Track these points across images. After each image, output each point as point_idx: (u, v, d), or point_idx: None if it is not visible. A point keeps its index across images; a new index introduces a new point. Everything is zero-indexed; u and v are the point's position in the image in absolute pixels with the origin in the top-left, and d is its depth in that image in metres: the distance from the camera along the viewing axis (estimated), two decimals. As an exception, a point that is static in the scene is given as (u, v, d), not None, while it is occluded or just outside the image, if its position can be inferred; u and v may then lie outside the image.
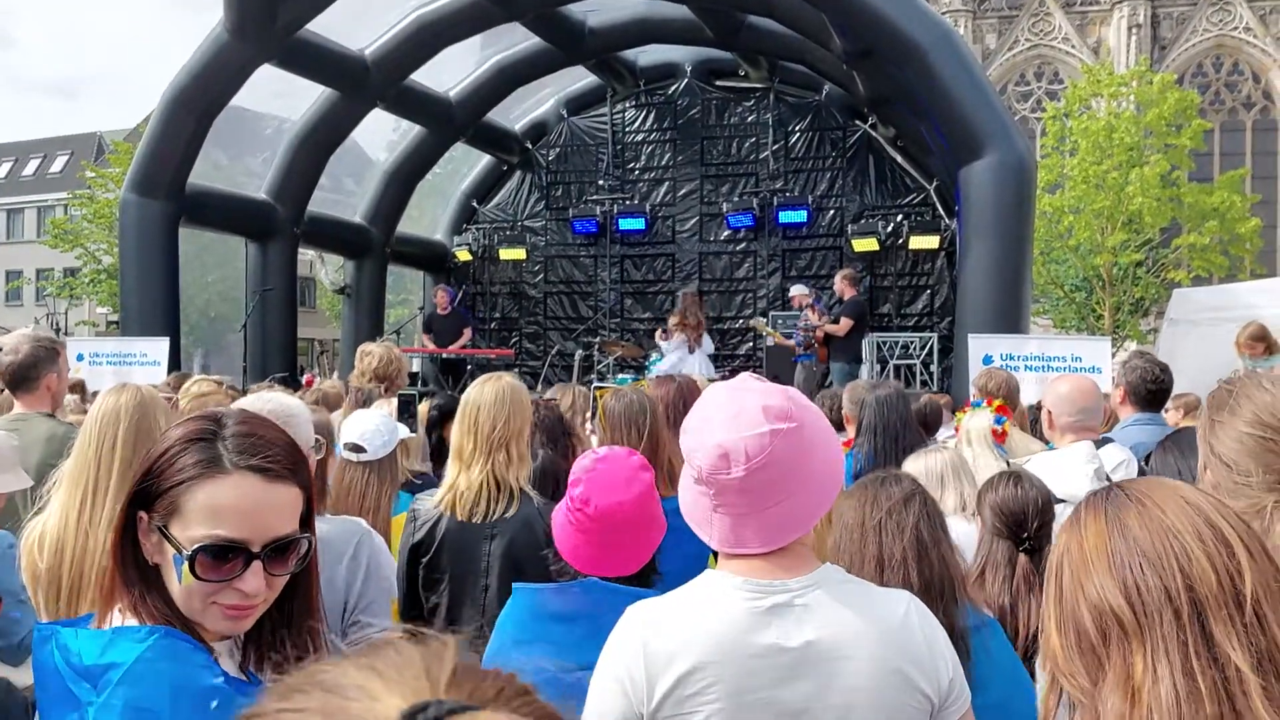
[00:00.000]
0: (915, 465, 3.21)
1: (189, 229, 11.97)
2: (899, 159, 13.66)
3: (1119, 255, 26.48)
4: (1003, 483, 2.50)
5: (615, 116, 15.22)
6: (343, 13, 10.72)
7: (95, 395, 2.63)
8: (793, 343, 11.46)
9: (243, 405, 2.24)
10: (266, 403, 2.35)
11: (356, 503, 3.08)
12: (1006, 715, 1.85)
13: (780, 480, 1.48)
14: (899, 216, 13.60)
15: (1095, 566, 1.14)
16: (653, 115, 15.12)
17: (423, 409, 4.41)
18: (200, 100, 10.99)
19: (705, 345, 11.59)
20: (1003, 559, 2.41)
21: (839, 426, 4.91)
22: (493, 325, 15.87)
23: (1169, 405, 4.76)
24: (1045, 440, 4.24)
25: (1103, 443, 3.68)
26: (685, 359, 11.10)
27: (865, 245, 13.42)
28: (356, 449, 3.13)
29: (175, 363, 10.47)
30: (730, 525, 1.51)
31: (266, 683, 0.59)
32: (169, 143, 11.07)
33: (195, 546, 1.23)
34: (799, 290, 11.71)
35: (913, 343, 11.87)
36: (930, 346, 11.84)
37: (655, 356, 11.76)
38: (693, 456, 1.51)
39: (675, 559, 2.27)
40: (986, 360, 8.11)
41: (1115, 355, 12.40)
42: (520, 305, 15.84)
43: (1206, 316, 9.37)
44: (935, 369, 11.90)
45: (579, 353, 13.21)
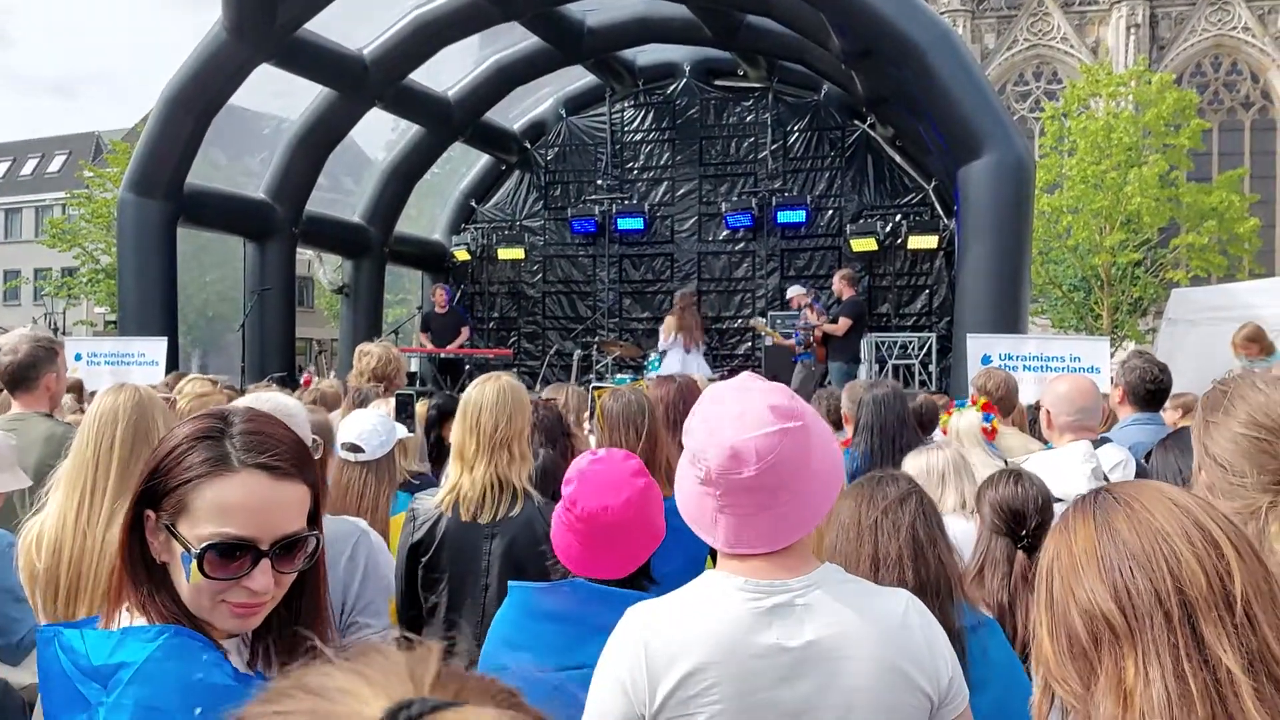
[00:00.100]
0: (916, 463, 3.20)
1: (187, 229, 11.96)
2: (898, 159, 13.65)
3: (1117, 255, 26.49)
4: (1003, 480, 2.51)
5: (614, 116, 15.22)
6: (341, 12, 10.72)
7: (93, 395, 2.62)
8: (792, 342, 11.46)
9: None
10: (264, 403, 2.34)
11: (354, 503, 3.08)
12: (1004, 716, 1.84)
13: (788, 479, 1.48)
14: (897, 216, 13.60)
15: (1085, 571, 1.13)
16: (651, 115, 15.11)
17: (421, 408, 4.40)
18: (198, 100, 10.98)
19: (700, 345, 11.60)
20: (1001, 556, 2.41)
21: (837, 426, 4.92)
22: (491, 325, 15.85)
23: (1167, 405, 4.76)
24: (1044, 440, 4.24)
25: (1101, 442, 3.68)
26: (683, 359, 11.09)
27: (864, 245, 13.42)
28: (354, 449, 3.13)
29: (173, 362, 10.46)
30: (737, 525, 1.50)
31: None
32: (167, 142, 11.07)
33: (203, 545, 1.23)
34: (797, 290, 11.72)
35: (911, 343, 11.86)
36: (929, 346, 11.84)
37: (654, 357, 11.75)
38: (700, 457, 1.50)
39: (675, 559, 2.27)
40: (985, 360, 8.11)
41: (1114, 355, 12.40)
42: (519, 305, 15.83)
43: (1205, 316, 9.37)
44: (934, 369, 11.90)
45: (577, 352, 13.21)
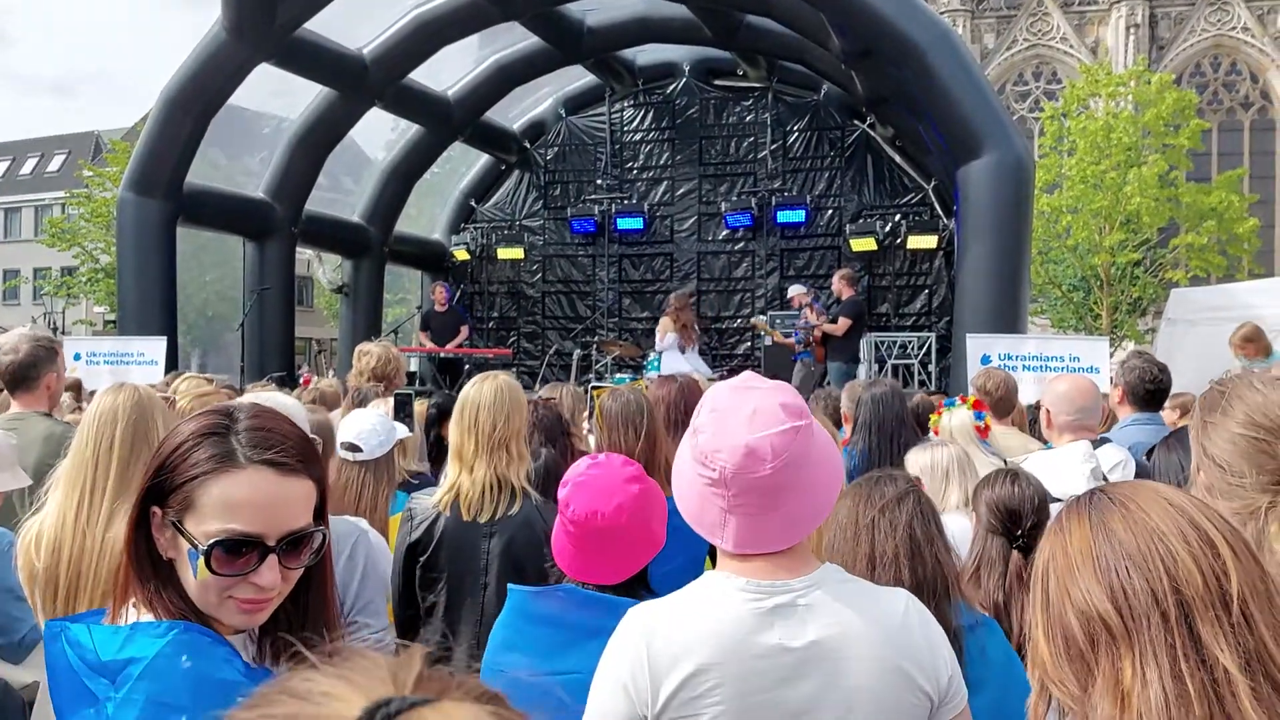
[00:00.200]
0: (920, 459, 3.18)
1: (186, 228, 11.96)
2: (897, 159, 13.64)
3: (1117, 255, 26.50)
4: (999, 480, 2.50)
5: (613, 116, 15.21)
6: (341, 11, 10.71)
7: (92, 395, 2.62)
8: (792, 341, 11.46)
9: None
10: (263, 403, 2.34)
11: (353, 502, 3.08)
12: (1003, 715, 1.84)
13: (799, 477, 1.49)
14: (897, 216, 13.59)
15: (1081, 571, 1.13)
16: (651, 115, 15.10)
17: (420, 407, 4.40)
18: (198, 99, 10.98)
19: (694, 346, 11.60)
20: (997, 556, 2.41)
21: (837, 425, 4.92)
22: (491, 325, 15.84)
23: (1165, 405, 4.76)
24: (1043, 439, 4.24)
25: (1100, 443, 3.68)
26: (680, 360, 11.08)
27: (863, 245, 13.42)
28: (352, 448, 3.13)
29: (173, 362, 10.46)
30: (748, 525, 1.49)
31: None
32: (166, 142, 11.07)
33: (211, 541, 1.24)
34: (797, 290, 11.72)
35: (911, 342, 11.86)
36: (928, 346, 11.83)
37: (653, 357, 11.75)
38: (713, 457, 1.48)
39: (674, 558, 2.26)
40: (984, 360, 8.10)
41: (1113, 355, 12.40)
42: (518, 305, 15.82)
43: (1204, 316, 9.37)
44: (933, 369, 11.89)
45: (577, 352, 13.20)
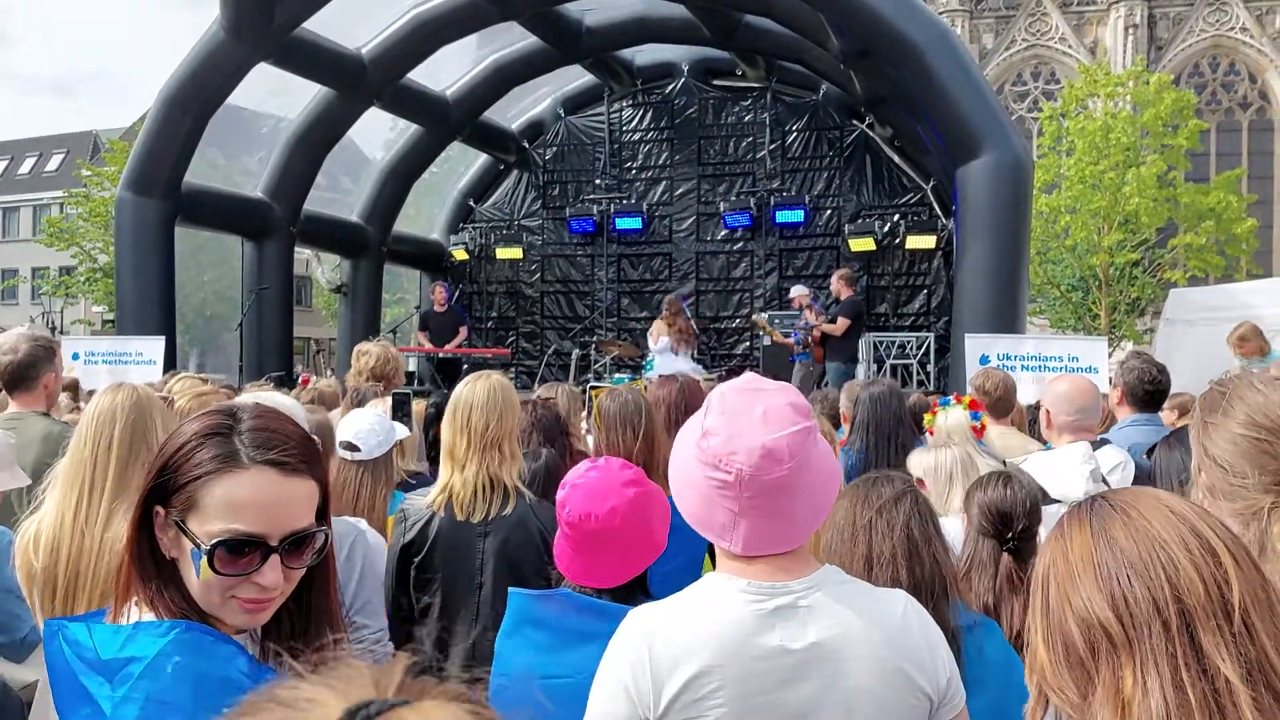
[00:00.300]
0: (924, 461, 3.17)
1: (185, 228, 11.95)
2: (896, 159, 13.65)
3: (1115, 255, 26.51)
4: (992, 482, 2.50)
5: (612, 116, 15.20)
6: (339, 11, 10.71)
7: (90, 394, 2.62)
8: (791, 341, 11.46)
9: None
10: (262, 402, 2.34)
11: (350, 502, 3.08)
12: (1001, 716, 1.84)
13: (808, 477, 1.49)
14: (896, 216, 13.60)
15: (1082, 579, 1.13)
16: (650, 114, 15.10)
17: (419, 407, 4.39)
18: (196, 99, 10.97)
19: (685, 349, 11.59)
20: (988, 558, 2.41)
21: (835, 425, 4.92)
22: (489, 324, 15.83)
23: (1164, 406, 4.75)
24: (1043, 440, 4.23)
25: (1100, 444, 3.67)
26: (672, 361, 11.08)
27: (862, 245, 13.42)
28: (351, 448, 3.13)
29: (171, 362, 10.45)
30: (759, 527, 1.48)
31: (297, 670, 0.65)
32: (165, 141, 11.06)
33: (214, 541, 1.24)
34: (799, 290, 11.72)
35: (909, 342, 11.86)
36: (927, 346, 11.84)
37: (651, 357, 11.75)
38: (727, 460, 1.46)
39: (674, 558, 2.26)
40: (983, 360, 8.10)
41: (1112, 355, 12.40)
42: (517, 305, 15.82)
43: (1203, 317, 9.38)
44: (932, 369, 11.90)
45: (575, 352, 13.20)
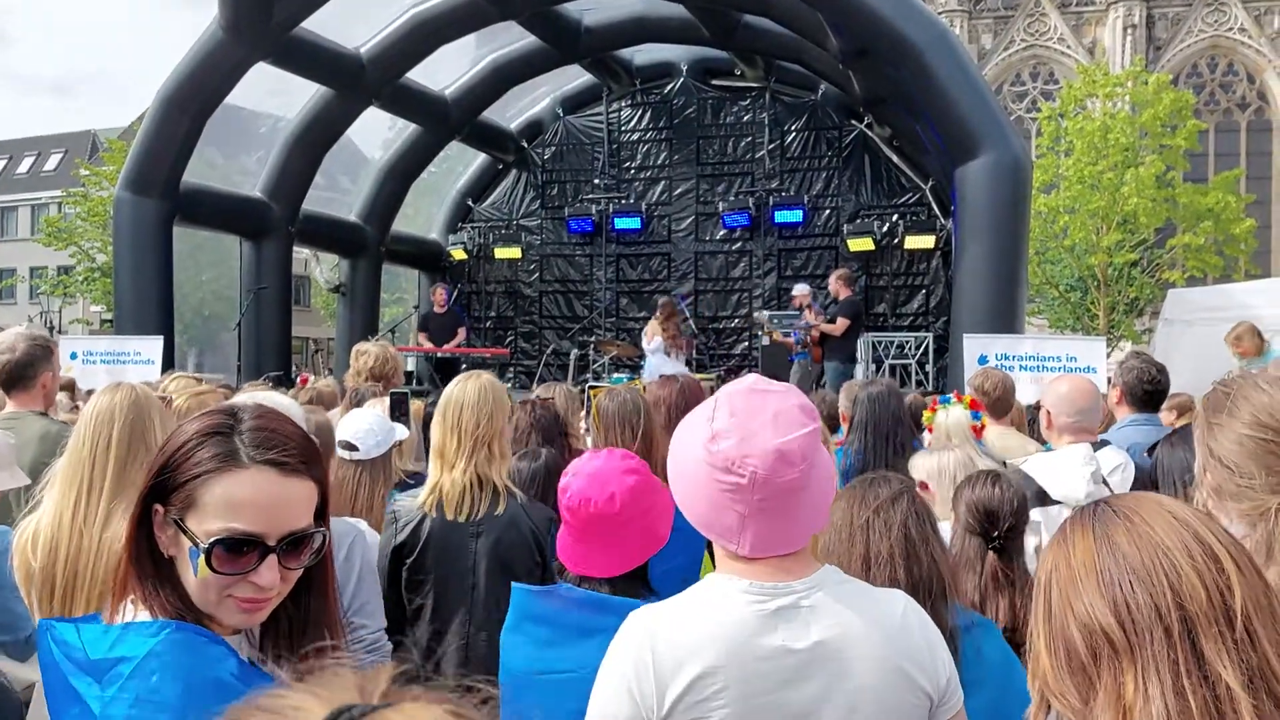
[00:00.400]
0: (927, 464, 3.16)
1: (183, 227, 11.94)
2: (895, 159, 13.65)
3: (1114, 255, 26.52)
4: (981, 481, 2.51)
5: (611, 115, 15.20)
6: (338, 11, 10.70)
7: (89, 394, 2.62)
8: (791, 340, 11.46)
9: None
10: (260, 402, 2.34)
11: (349, 502, 3.08)
12: (1000, 716, 1.84)
13: (815, 478, 1.50)
14: (894, 216, 13.60)
15: (1084, 584, 1.13)
16: (649, 114, 15.10)
17: (418, 407, 4.39)
18: (195, 98, 10.96)
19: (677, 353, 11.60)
20: (974, 556, 2.43)
21: (833, 428, 4.91)
22: (488, 324, 15.83)
23: (1163, 406, 4.75)
24: (1042, 440, 4.22)
25: (1100, 445, 3.67)
26: (664, 362, 11.08)
27: (861, 245, 13.43)
28: (350, 448, 3.12)
29: (169, 361, 10.45)
30: (768, 529, 1.48)
31: (282, 675, 0.67)
32: (163, 141, 11.05)
33: (211, 540, 1.24)
34: (801, 290, 11.73)
35: (908, 342, 11.87)
36: (925, 346, 11.85)
37: (648, 358, 11.75)
38: (741, 463, 1.46)
39: (674, 557, 2.26)
40: (982, 360, 8.11)
41: (1110, 355, 12.41)
42: (515, 304, 15.81)
43: (1201, 317, 9.39)
44: (930, 369, 11.90)
45: (574, 352, 13.20)
